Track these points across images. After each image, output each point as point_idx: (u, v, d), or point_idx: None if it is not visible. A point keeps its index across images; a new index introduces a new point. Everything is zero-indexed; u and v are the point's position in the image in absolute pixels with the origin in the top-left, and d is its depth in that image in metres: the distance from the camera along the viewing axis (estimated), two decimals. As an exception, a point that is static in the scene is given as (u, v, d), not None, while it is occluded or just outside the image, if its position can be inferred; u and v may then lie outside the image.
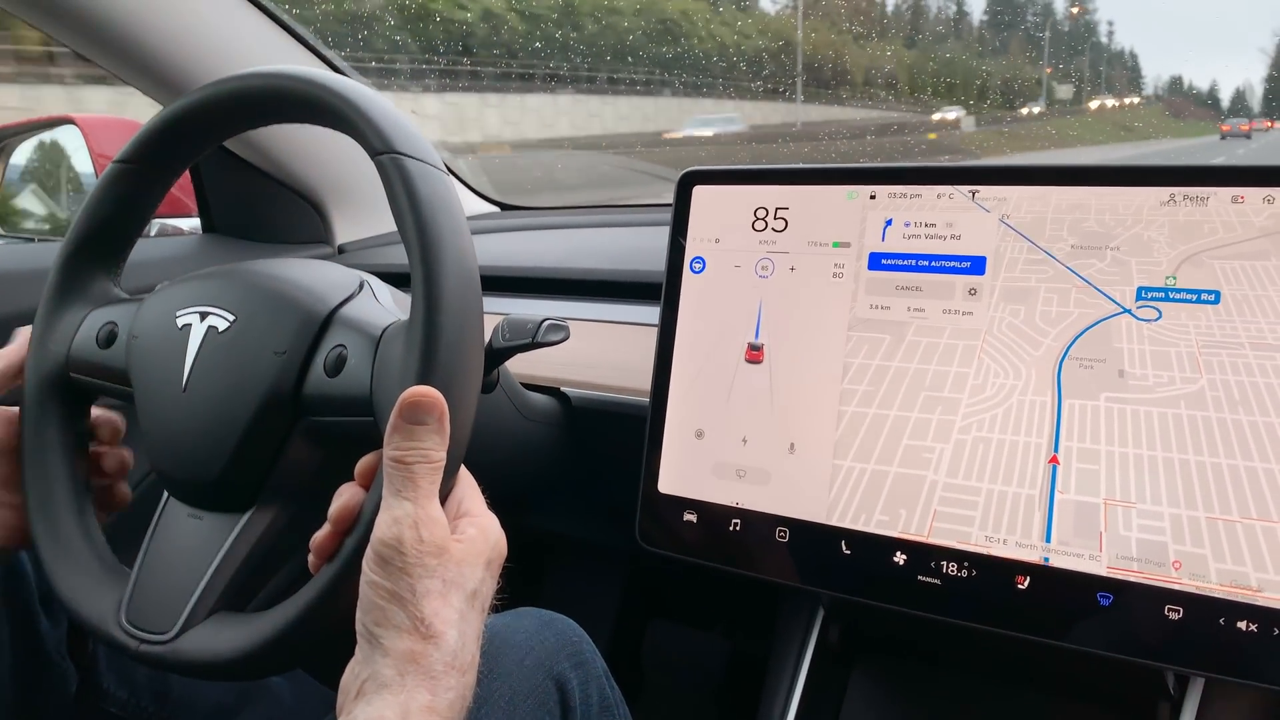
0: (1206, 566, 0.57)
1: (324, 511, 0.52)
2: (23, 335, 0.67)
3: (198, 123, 0.64)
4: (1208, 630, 0.56)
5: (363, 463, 0.53)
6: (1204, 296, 0.61)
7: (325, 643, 0.53)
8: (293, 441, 0.58)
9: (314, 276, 0.62)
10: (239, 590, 0.57)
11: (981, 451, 0.65)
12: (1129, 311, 0.63)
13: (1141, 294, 0.63)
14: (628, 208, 1.31)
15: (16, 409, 0.65)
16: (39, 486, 0.62)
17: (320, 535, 0.51)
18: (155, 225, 1.21)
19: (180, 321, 0.61)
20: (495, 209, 1.40)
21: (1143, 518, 0.60)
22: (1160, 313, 0.62)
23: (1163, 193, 0.62)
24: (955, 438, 0.65)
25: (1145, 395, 0.61)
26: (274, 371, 0.57)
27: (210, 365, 0.59)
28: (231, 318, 0.59)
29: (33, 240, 1.26)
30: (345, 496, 0.52)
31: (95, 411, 0.68)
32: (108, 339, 0.65)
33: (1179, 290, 0.61)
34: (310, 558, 0.52)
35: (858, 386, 0.68)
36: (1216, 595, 0.56)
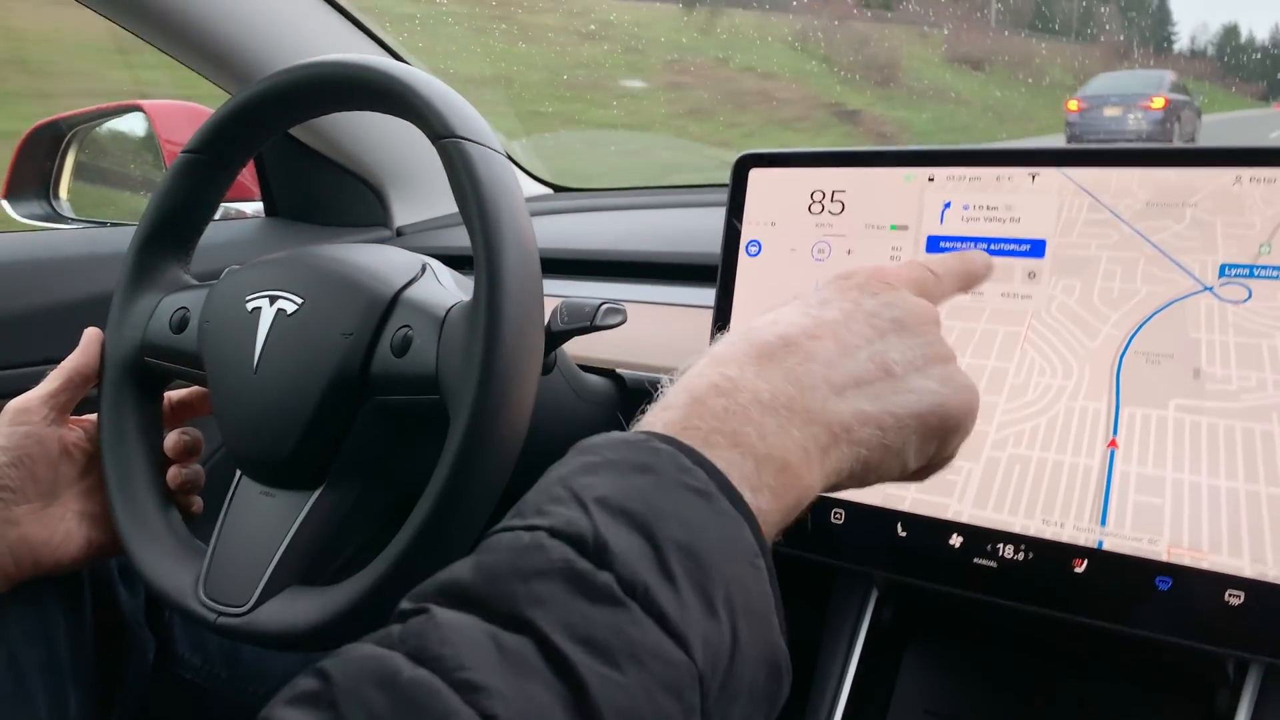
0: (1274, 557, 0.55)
1: (392, 489, 0.54)
2: (90, 337, 0.69)
3: (263, 112, 0.66)
4: (1270, 615, 0.55)
5: None
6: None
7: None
8: (361, 420, 0.60)
9: (378, 260, 0.63)
10: (311, 565, 0.59)
11: (1018, 474, 0.56)
12: (1210, 290, 0.52)
13: (1225, 270, 0.52)
14: (682, 189, 1.30)
15: (94, 417, 0.68)
16: (118, 467, 0.65)
17: None
18: (220, 209, 1.24)
19: (250, 305, 0.63)
20: (549, 190, 1.41)
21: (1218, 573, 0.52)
22: (1250, 292, 0.51)
23: (1229, 173, 0.60)
24: (987, 455, 0.58)
25: (1226, 404, 0.51)
26: (342, 352, 0.59)
27: (280, 347, 0.61)
28: (300, 301, 0.61)
29: (105, 225, 1.30)
30: None
31: (175, 394, 0.72)
32: (180, 324, 0.67)
33: (1264, 268, 0.50)
34: None
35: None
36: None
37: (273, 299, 0.62)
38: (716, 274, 0.76)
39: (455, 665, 0.27)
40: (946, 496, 0.62)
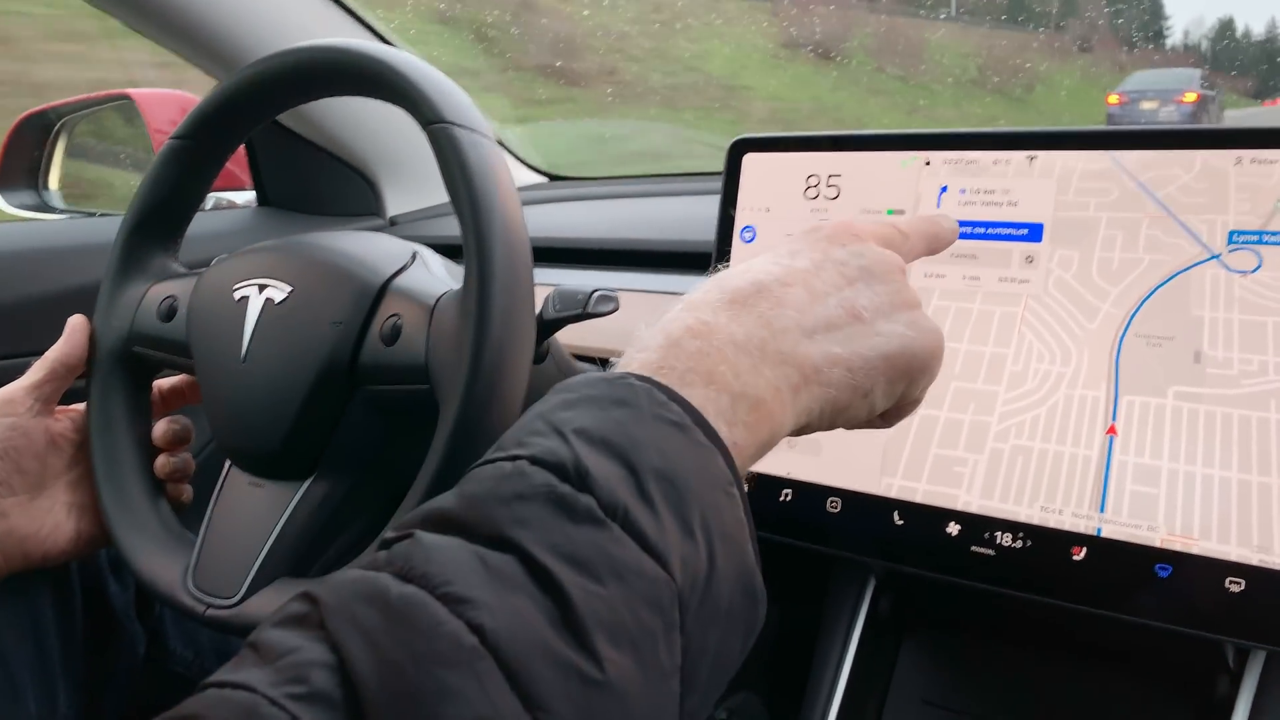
0: (1271, 546, 0.54)
1: (382, 479, 0.53)
2: (74, 326, 0.68)
3: (252, 98, 0.65)
4: (1270, 602, 0.55)
5: None
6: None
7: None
8: (351, 411, 0.59)
9: (368, 248, 0.63)
10: (301, 556, 0.59)
11: (1021, 466, 0.56)
12: (1217, 258, 0.48)
13: (1234, 237, 0.48)
14: (676, 176, 1.30)
15: (83, 406, 0.67)
16: (106, 458, 0.64)
17: None
18: (210, 199, 1.23)
19: (238, 294, 0.62)
20: (543, 179, 1.40)
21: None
22: (1261, 260, 0.47)
23: (1230, 155, 0.59)
24: (990, 446, 0.57)
25: (1225, 390, 0.49)
26: (331, 341, 0.58)
27: (268, 336, 0.60)
28: (288, 289, 0.60)
29: (94, 215, 1.29)
30: None
31: (166, 382, 0.71)
32: (168, 313, 0.66)
33: (1275, 234, 0.47)
34: None
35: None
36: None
37: (261, 287, 0.61)
38: (711, 261, 0.75)
39: (442, 581, 0.28)
40: (955, 488, 0.61)
